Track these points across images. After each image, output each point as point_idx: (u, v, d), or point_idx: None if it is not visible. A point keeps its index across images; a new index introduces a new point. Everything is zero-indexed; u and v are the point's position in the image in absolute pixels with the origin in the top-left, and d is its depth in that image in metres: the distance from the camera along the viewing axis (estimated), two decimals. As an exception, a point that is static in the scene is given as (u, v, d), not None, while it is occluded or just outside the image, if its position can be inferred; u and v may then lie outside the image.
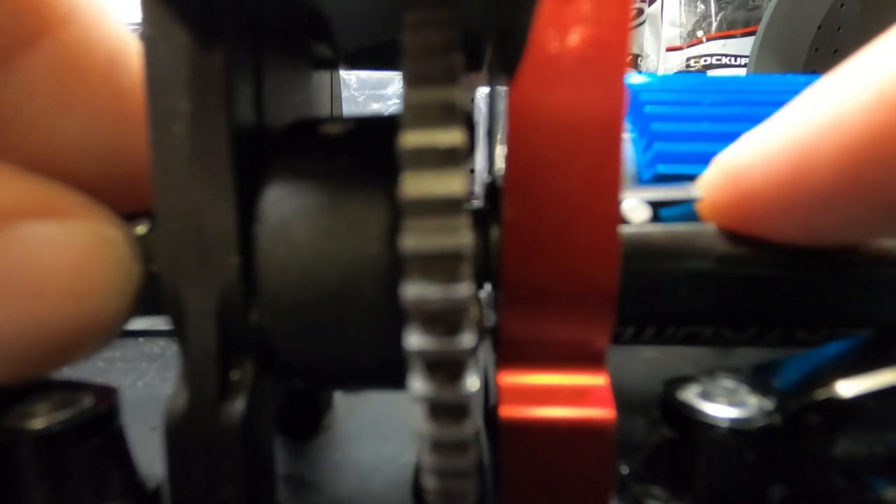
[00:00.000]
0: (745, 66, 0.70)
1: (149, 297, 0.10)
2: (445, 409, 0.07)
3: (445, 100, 0.08)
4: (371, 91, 0.85)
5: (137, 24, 0.10)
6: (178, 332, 0.10)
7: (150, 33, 0.09)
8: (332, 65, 0.15)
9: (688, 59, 0.82)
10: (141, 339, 0.24)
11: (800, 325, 0.17)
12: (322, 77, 0.15)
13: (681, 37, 0.85)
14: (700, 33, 0.83)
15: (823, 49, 0.74)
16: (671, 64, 0.84)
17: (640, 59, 0.85)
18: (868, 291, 0.14)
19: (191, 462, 0.10)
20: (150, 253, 0.10)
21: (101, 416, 0.10)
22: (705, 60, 0.81)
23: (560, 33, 0.09)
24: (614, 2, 0.09)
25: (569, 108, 0.09)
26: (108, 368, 0.21)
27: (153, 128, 0.09)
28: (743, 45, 0.75)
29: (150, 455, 0.11)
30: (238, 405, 0.10)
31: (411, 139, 0.08)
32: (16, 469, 0.10)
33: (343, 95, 0.16)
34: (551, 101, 0.09)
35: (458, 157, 0.07)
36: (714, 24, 0.83)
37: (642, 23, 0.89)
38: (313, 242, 0.10)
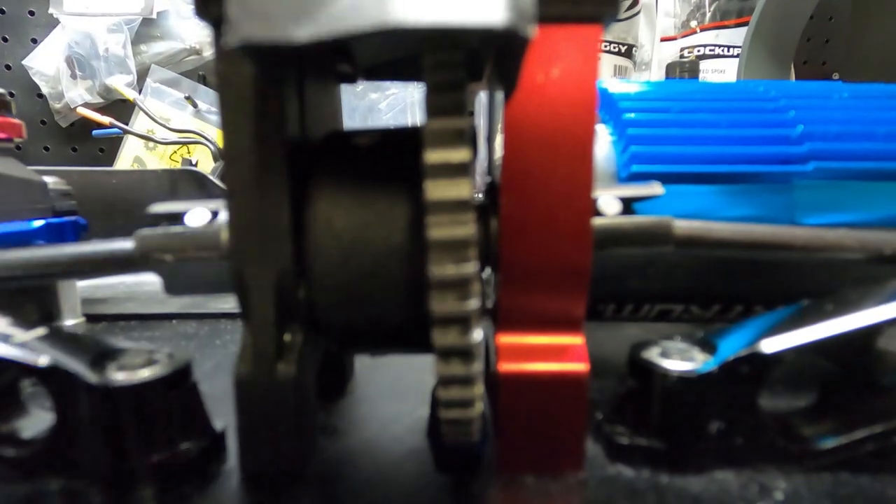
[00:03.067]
0: (737, 56, 0.72)
1: (218, 276, 0.13)
2: (457, 353, 0.10)
3: (457, 127, 0.10)
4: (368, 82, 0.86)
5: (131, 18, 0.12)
6: (242, 306, 0.13)
7: (222, 68, 0.12)
8: (352, 79, 0.18)
9: (682, 50, 0.83)
10: (174, 322, 0.27)
11: (756, 301, 0.20)
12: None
13: (675, 27, 0.86)
14: (694, 23, 0.84)
15: (815, 39, 0.76)
16: (665, 54, 0.85)
17: (634, 49, 0.87)
18: (801, 270, 0.17)
19: (255, 407, 0.12)
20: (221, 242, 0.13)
21: (180, 372, 0.13)
22: (699, 51, 0.82)
23: (544, 68, 0.12)
24: (584, 44, 0.11)
25: (551, 125, 0.12)
26: (153, 347, 0.23)
27: (226, 142, 0.12)
28: (736, 36, 0.76)
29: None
30: (290, 363, 0.12)
31: (432, 157, 0.10)
32: (118, 413, 0.12)
33: (343, 86, 0.18)
34: (537, 120, 0.12)
35: (468, 170, 0.10)
36: (708, 15, 0.84)
37: (637, 13, 0.90)
38: (351, 232, 0.12)
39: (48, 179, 0.25)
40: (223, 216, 0.14)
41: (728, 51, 0.81)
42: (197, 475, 0.13)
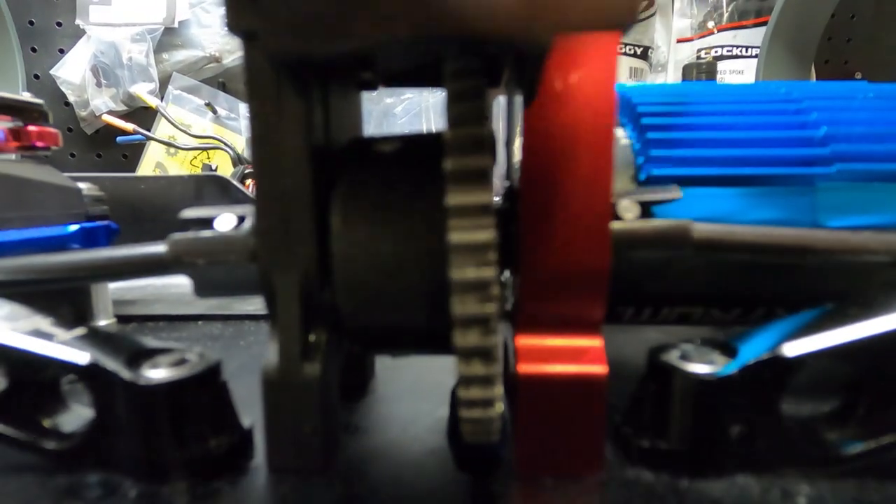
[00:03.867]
0: (755, 56, 0.70)
1: (246, 279, 0.14)
2: (478, 354, 0.10)
3: (476, 135, 0.10)
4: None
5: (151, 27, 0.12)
6: (269, 307, 0.13)
7: (252, 80, 0.12)
8: (373, 86, 0.18)
9: (698, 51, 0.82)
10: (200, 323, 0.28)
11: (778, 304, 0.19)
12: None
13: (691, 28, 0.85)
14: (711, 24, 0.83)
15: (837, 38, 0.74)
16: (682, 55, 0.84)
17: (650, 51, 0.86)
18: (825, 273, 0.17)
19: (282, 406, 0.13)
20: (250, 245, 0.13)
21: (211, 371, 0.14)
22: (716, 52, 0.81)
23: (563, 74, 0.12)
24: (602, 50, 0.12)
25: (570, 131, 0.12)
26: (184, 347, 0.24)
27: (254, 151, 0.12)
28: (754, 36, 0.75)
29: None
30: (316, 362, 0.13)
31: (454, 163, 0.11)
32: (153, 410, 0.13)
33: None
34: (556, 125, 0.12)
35: (488, 176, 0.10)
36: (725, 15, 0.83)
37: (652, 14, 0.89)
38: (373, 237, 0.13)
39: (82, 185, 0.26)
40: (250, 221, 0.14)
41: (746, 51, 0.79)
42: (226, 470, 0.13)
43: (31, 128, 0.26)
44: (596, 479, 0.13)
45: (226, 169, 0.64)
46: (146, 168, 0.75)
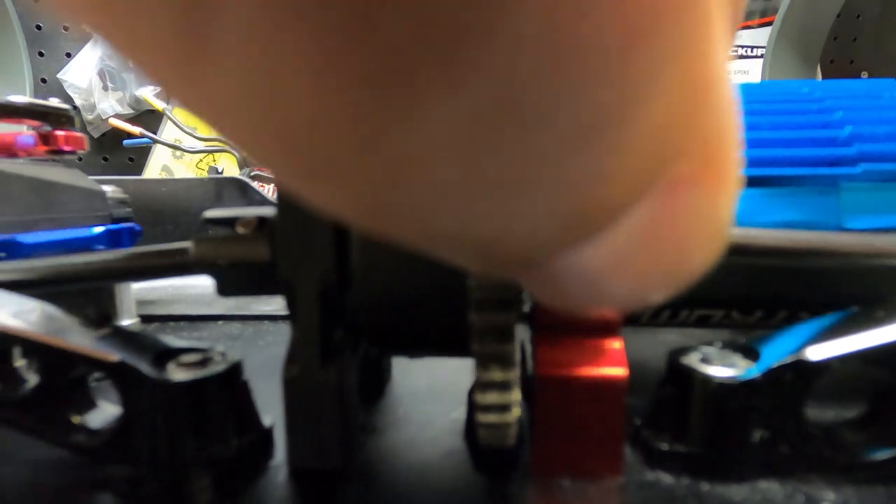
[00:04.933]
0: (761, 56, 0.69)
1: (267, 281, 0.14)
2: (496, 360, 0.10)
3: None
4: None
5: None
6: (290, 308, 0.13)
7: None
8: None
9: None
10: (220, 322, 0.28)
11: (801, 307, 0.19)
12: None
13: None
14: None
15: (842, 38, 0.72)
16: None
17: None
18: (851, 275, 0.16)
19: (303, 406, 0.13)
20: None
21: (233, 370, 0.14)
22: (722, 51, 0.80)
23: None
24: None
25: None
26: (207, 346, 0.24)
27: None
28: (759, 36, 0.73)
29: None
30: (335, 365, 0.13)
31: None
32: (177, 407, 0.13)
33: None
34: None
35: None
36: (731, 14, 0.81)
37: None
38: (390, 243, 0.13)
39: (106, 188, 0.27)
40: (272, 223, 0.14)
41: (751, 51, 0.78)
42: (247, 469, 0.14)
43: (59, 132, 0.26)
44: (614, 481, 0.13)
45: (231, 171, 0.64)
46: (152, 171, 0.76)
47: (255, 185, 0.41)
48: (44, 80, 0.76)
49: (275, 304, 0.29)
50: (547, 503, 0.13)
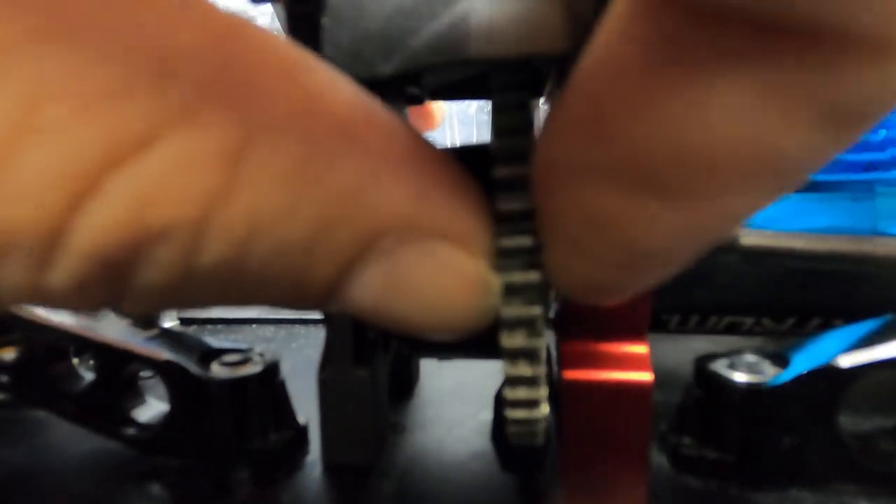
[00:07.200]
0: None
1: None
2: (525, 355, 0.11)
3: (523, 146, 0.11)
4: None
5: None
6: (325, 315, 0.14)
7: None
8: (419, 100, 0.19)
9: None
10: (254, 326, 0.29)
11: (835, 314, 0.19)
12: None
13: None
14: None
15: None
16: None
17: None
18: (888, 282, 0.16)
19: (337, 405, 0.14)
20: None
21: (271, 369, 0.15)
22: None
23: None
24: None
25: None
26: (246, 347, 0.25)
27: None
28: None
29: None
30: (367, 366, 0.14)
31: (502, 171, 0.11)
32: (222, 404, 0.14)
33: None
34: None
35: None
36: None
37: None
38: None
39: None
40: None
41: None
42: (285, 462, 0.14)
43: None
44: (640, 484, 0.13)
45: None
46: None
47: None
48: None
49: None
50: (573, 505, 0.13)
